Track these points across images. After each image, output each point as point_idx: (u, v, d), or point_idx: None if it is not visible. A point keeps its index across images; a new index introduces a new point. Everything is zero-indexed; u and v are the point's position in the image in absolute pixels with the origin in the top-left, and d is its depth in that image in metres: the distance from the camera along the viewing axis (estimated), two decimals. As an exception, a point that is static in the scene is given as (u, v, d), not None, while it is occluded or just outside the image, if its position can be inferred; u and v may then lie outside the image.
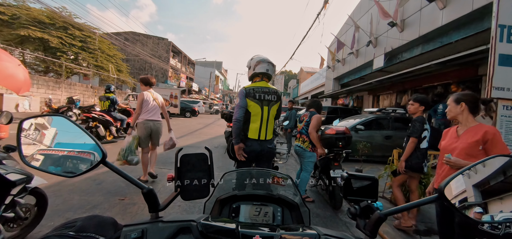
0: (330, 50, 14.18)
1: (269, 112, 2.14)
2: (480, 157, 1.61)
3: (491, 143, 1.57)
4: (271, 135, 2.21)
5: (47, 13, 14.08)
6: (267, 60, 2.18)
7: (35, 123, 0.63)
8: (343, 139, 3.12)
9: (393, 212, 0.59)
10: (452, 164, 1.65)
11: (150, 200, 0.61)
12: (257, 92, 2.10)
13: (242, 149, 2.09)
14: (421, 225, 2.75)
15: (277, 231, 0.56)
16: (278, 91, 2.24)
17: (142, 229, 0.53)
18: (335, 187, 3.02)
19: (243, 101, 2.08)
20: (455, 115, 1.76)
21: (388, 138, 6.11)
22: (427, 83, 7.92)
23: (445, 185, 0.51)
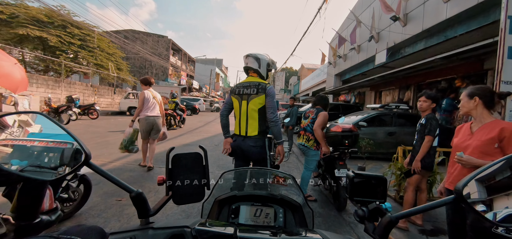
0: (331, 46, 14.03)
1: (248, 105, 2.04)
2: (496, 156, 1.51)
3: (508, 140, 1.47)
4: (255, 131, 2.03)
5: (45, 12, 14.01)
6: (249, 54, 2.18)
7: (19, 119, 0.57)
8: (349, 137, 2.99)
9: (406, 215, 0.53)
10: (464, 163, 1.56)
11: (139, 204, 0.56)
12: (238, 87, 2.14)
13: (228, 143, 2.14)
14: (428, 225, 2.67)
15: (278, 235, 0.53)
16: (262, 84, 2.05)
17: (129, 236, 0.48)
18: (339, 187, 2.90)
19: (228, 97, 2.21)
20: (468, 111, 1.64)
21: (392, 135, 6.01)
22: (431, 78, 7.79)
23: (463, 186, 0.46)
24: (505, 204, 0.47)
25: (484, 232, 1.41)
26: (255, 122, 2.05)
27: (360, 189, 0.64)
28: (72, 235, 0.45)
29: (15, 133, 0.56)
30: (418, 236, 2.45)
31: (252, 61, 2.14)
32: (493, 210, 0.49)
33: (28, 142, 0.56)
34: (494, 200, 0.48)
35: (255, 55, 2.16)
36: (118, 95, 17.78)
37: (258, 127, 2.05)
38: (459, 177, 1.62)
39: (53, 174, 0.55)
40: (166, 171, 0.70)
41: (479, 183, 0.50)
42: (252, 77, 2.14)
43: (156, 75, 28.38)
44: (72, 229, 0.47)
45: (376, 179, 0.65)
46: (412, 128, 6.16)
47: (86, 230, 0.49)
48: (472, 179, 0.47)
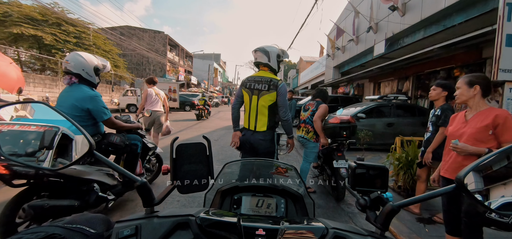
0: (329, 38, 13.93)
1: (258, 101, 2.03)
2: (490, 143, 1.53)
3: (502, 127, 1.48)
4: (264, 127, 2.04)
5: (39, 10, 13.79)
6: (257, 49, 2.14)
7: (16, 114, 0.57)
8: (347, 128, 2.99)
9: (407, 204, 0.54)
10: (459, 150, 1.57)
11: (143, 193, 0.57)
12: (249, 81, 2.10)
13: (237, 136, 2.17)
14: (425, 213, 2.71)
15: (281, 223, 0.53)
16: (274, 80, 2.03)
17: (135, 225, 0.49)
18: (338, 178, 2.94)
19: (238, 90, 2.20)
20: (466, 99, 1.64)
21: (390, 125, 6.03)
22: (429, 68, 7.77)
23: (464, 175, 0.47)
24: (501, 193, 0.48)
25: (479, 217, 1.44)
26: (265, 117, 2.05)
27: (362, 179, 0.65)
28: (78, 224, 0.46)
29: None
30: (416, 224, 2.49)
31: (261, 55, 2.09)
32: (490, 199, 0.50)
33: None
34: (491, 189, 0.49)
35: (264, 49, 2.10)
36: (116, 92, 17.69)
37: (267, 123, 2.05)
38: (454, 164, 1.64)
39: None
40: (170, 160, 0.71)
41: (476, 173, 0.51)
42: (264, 71, 2.11)
43: (154, 72, 28.19)
44: (77, 218, 0.48)
45: (377, 169, 0.66)
46: (411, 119, 6.23)
47: (92, 218, 0.49)
48: (473, 168, 0.48)
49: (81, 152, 0.56)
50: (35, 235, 0.40)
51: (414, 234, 2.31)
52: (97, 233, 0.47)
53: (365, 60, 10.26)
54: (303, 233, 0.50)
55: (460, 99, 1.68)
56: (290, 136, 2.23)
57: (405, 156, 3.14)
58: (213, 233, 0.49)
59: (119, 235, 0.47)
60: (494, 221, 1.37)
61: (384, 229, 0.53)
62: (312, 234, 0.49)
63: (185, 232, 0.49)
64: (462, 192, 0.47)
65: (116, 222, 0.51)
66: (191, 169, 0.71)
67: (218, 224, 0.51)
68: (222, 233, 0.49)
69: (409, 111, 6.47)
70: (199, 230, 0.49)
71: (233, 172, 1.03)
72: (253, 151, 2.09)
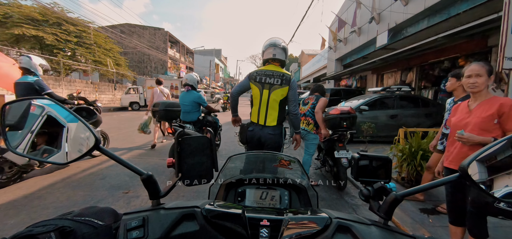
0: (331, 30, 13.75)
1: (270, 96, 2.01)
2: (495, 132, 1.51)
3: (507, 116, 1.46)
4: (274, 122, 2.04)
5: (39, 10, 13.80)
6: (274, 44, 2.08)
7: (24, 120, 0.57)
8: (348, 119, 3.07)
9: (410, 193, 0.54)
10: (465, 140, 1.56)
11: (149, 186, 0.58)
12: (259, 75, 2.04)
13: (238, 122, 2.28)
14: (429, 204, 2.70)
15: (285, 214, 0.53)
16: (287, 75, 2.02)
17: (142, 216, 0.50)
18: (339, 168, 3.01)
19: (245, 81, 2.14)
20: (484, 88, 1.54)
21: (393, 117, 5.99)
22: (434, 58, 7.66)
23: (468, 164, 0.47)
24: (505, 183, 0.48)
25: (486, 207, 1.43)
26: (275, 112, 2.04)
27: (365, 170, 0.65)
28: (86, 217, 0.47)
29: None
30: (419, 214, 2.49)
31: (280, 52, 2.06)
32: (494, 188, 0.49)
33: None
34: (495, 179, 0.49)
35: (283, 46, 2.08)
36: (119, 91, 17.77)
37: (277, 117, 2.05)
38: (459, 155, 1.63)
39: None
40: (175, 153, 0.72)
41: (480, 163, 0.51)
42: (275, 66, 2.07)
43: (155, 69, 28.20)
44: (85, 211, 0.49)
45: (381, 159, 0.66)
46: (414, 110, 6.18)
47: (100, 211, 0.50)
48: (478, 156, 0.48)
49: (88, 146, 0.56)
50: (46, 227, 0.41)
51: (417, 224, 2.31)
52: (105, 224, 0.48)
53: (367, 52, 10.14)
54: (307, 223, 0.51)
55: (479, 88, 1.54)
56: (297, 131, 2.21)
57: (408, 148, 3.12)
58: (219, 224, 0.50)
59: (127, 226, 0.48)
60: (503, 210, 1.36)
61: (388, 218, 0.53)
62: (315, 224, 0.49)
63: (191, 223, 0.50)
64: (466, 180, 0.46)
65: (124, 214, 0.52)
66: (196, 162, 0.72)
67: (223, 215, 0.51)
68: (227, 224, 0.50)
69: (413, 102, 6.41)
70: (205, 221, 0.50)
71: (237, 165, 1.03)
72: (260, 146, 2.06)
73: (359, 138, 5.70)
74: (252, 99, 2.12)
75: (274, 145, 2.05)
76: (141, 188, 2.99)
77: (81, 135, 0.57)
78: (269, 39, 2.14)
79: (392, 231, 0.50)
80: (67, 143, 0.57)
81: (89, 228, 0.45)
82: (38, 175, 3.31)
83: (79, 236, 0.43)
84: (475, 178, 0.49)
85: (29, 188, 2.92)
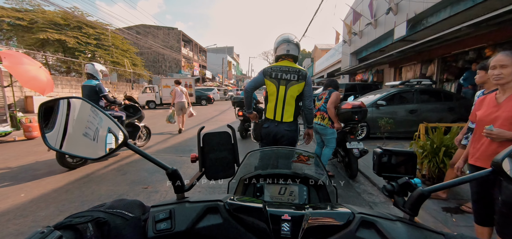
0: (345, 23, 13.35)
1: (286, 92, 2.00)
2: None
3: None
4: (291, 118, 2.03)
5: (61, 15, 14.58)
6: (288, 39, 2.06)
7: (59, 118, 0.62)
8: (359, 112, 3.22)
9: (438, 189, 0.51)
10: (494, 137, 1.45)
11: (175, 180, 0.60)
12: (274, 71, 2.01)
13: (254, 118, 2.24)
14: (452, 203, 2.58)
15: (306, 209, 0.53)
16: (303, 71, 2.01)
17: (169, 209, 0.52)
18: (351, 158, 3.24)
19: (259, 76, 2.08)
20: (511, 80, 1.43)
21: (413, 112, 5.73)
22: (457, 49, 7.20)
23: (502, 158, 0.44)
24: None
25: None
26: (292, 108, 2.03)
27: (388, 166, 0.63)
28: (118, 209, 0.50)
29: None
30: (441, 213, 2.39)
31: (294, 48, 2.05)
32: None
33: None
34: None
35: (296, 42, 2.08)
36: (136, 90, 18.45)
37: (294, 113, 2.05)
38: (487, 152, 1.52)
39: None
40: (198, 149, 0.74)
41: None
42: (289, 62, 2.06)
43: (169, 68, 28.91)
44: (116, 203, 0.52)
45: (404, 154, 0.64)
46: (436, 104, 5.88)
47: (130, 203, 0.53)
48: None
49: (117, 143, 0.60)
50: (84, 218, 0.44)
51: (440, 223, 2.22)
52: (135, 216, 0.50)
53: (384, 45, 9.73)
54: (328, 218, 0.50)
55: (505, 80, 1.43)
56: (310, 126, 2.21)
57: (430, 144, 2.98)
58: (241, 217, 0.51)
59: (155, 218, 0.50)
60: None
61: (414, 214, 0.51)
62: (338, 219, 0.49)
63: (215, 216, 0.51)
64: (500, 176, 0.44)
65: (152, 207, 0.55)
66: (218, 156, 0.74)
67: (245, 209, 0.52)
68: (249, 218, 0.51)
69: (434, 96, 6.08)
70: (228, 214, 0.51)
71: (255, 161, 1.04)
72: (276, 142, 2.06)
73: (376, 134, 5.53)
74: (267, 96, 2.10)
75: (290, 141, 2.05)
76: (159, 184, 3.11)
77: (112, 132, 0.61)
78: (282, 35, 2.12)
79: (419, 227, 0.48)
80: (98, 139, 0.60)
81: (120, 220, 0.47)
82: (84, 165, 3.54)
83: (112, 227, 0.45)
84: (510, 174, 0.46)
85: (58, 183, 3.13)
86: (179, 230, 0.49)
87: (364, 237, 0.46)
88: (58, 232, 0.38)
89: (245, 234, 0.50)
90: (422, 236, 0.46)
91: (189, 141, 5.79)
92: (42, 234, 0.37)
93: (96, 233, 0.43)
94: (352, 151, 3.18)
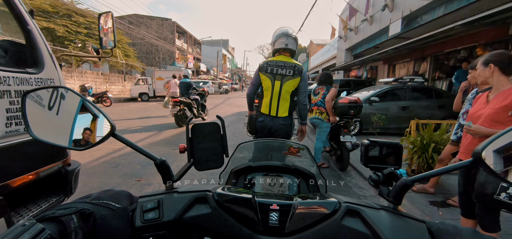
0: (341, 18, 13.34)
1: (282, 87, 2.00)
2: (509, 124, 1.45)
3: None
4: (286, 113, 2.04)
5: (49, 2, 14.03)
6: (286, 33, 2.05)
7: (44, 107, 0.60)
8: (355, 107, 3.38)
9: (420, 178, 0.53)
10: (472, 132, 1.52)
11: (163, 170, 0.60)
12: (270, 66, 2.01)
13: (253, 116, 2.23)
14: (439, 197, 2.66)
15: (294, 199, 0.54)
16: (298, 66, 2.01)
17: (157, 199, 0.53)
18: (343, 151, 3.38)
19: (255, 79, 2.11)
20: (484, 80, 1.57)
21: (405, 109, 5.84)
22: (450, 48, 7.32)
23: (482, 148, 0.46)
24: None
25: (486, 199, 1.41)
26: (287, 103, 2.04)
27: (375, 157, 0.65)
28: (104, 200, 0.49)
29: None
30: (429, 207, 2.47)
31: (292, 42, 2.04)
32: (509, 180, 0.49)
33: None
34: (510, 170, 0.47)
35: (294, 36, 2.07)
36: (128, 82, 18.10)
37: (289, 108, 2.06)
38: (469, 146, 1.60)
39: None
40: (186, 139, 0.73)
41: (497, 153, 0.49)
42: (285, 56, 2.05)
43: (163, 60, 28.40)
44: (103, 194, 0.51)
45: (391, 146, 0.66)
46: (427, 101, 6.00)
47: (117, 194, 0.53)
48: (493, 141, 0.46)
49: (103, 133, 0.58)
50: (68, 210, 0.43)
51: (427, 216, 2.29)
52: (122, 207, 0.50)
53: (379, 41, 9.81)
54: (316, 207, 0.51)
55: (479, 81, 1.62)
56: (304, 122, 2.22)
57: (420, 140, 3.05)
58: (230, 207, 0.51)
59: (143, 208, 0.50)
60: (503, 203, 1.33)
61: (397, 203, 0.53)
62: (325, 208, 0.50)
63: (203, 206, 0.52)
64: (480, 165, 0.45)
65: (140, 197, 0.55)
66: (207, 147, 0.73)
67: (234, 199, 0.53)
68: (238, 208, 0.51)
69: (426, 94, 6.21)
70: (217, 204, 0.52)
71: (246, 153, 1.04)
72: (270, 135, 2.07)
73: (368, 129, 5.62)
74: (262, 90, 2.09)
75: (285, 135, 2.06)
76: (152, 177, 3.09)
77: (99, 122, 0.59)
78: (280, 29, 2.10)
79: (402, 215, 0.50)
80: (84, 128, 0.59)
81: (107, 210, 0.47)
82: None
83: (98, 218, 0.45)
84: (489, 164, 0.48)
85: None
86: (167, 220, 0.49)
87: (349, 225, 0.47)
88: (40, 225, 0.37)
89: (233, 224, 0.50)
90: (404, 224, 0.47)
91: (182, 134, 5.76)
92: (24, 227, 0.36)
93: (80, 224, 0.42)
94: (345, 143, 3.33)
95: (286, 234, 0.49)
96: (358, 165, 3.59)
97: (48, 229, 0.38)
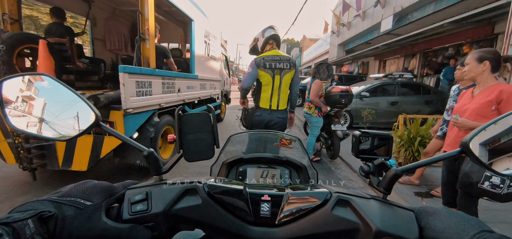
0: (334, 13, 13.37)
1: (281, 81, 2.06)
2: (492, 117, 1.53)
3: (505, 103, 1.47)
4: (285, 105, 2.14)
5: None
6: (272, 26, 2.19)
7: (22, 95, 0.56)
8: (346, 96, 3.45)
9: (409, 168, 0.54)
10: (459, 125, 1.59)
11: (151, 162, 0.58)
12: (268, 61, 2.03)
13: (245, 104, 2.26)
14: (424, 188, 2.78)
15: (286, 190, 0.54)
16: (292, 59, 2.11)
17: (146, 191, 0.50)
18: (334, 140, 3.52)
19: (254, 71, 2.05)
20: (475, 76, 1.60)
21: (394, 104, 5.99)
22: (438, 45, 7.52)
23: (470, 138, 0.47)
24: (506, 165, 0.48)
25: (471, 187, 1.50)
26: (286, 96, 2.13)
27: (366, 147, 0.66)
28: (72, 197, 0.44)
29: (19, 107, 0.55)
30: (413, 197, 2.58)
31: (278, 37, 2.17)
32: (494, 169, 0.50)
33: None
34: (496, 161, 0.48)
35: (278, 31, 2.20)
36: (117, 73, 17.62)
37: (287, 100, 2.16)
38: (456, 139, 1.67)
39: None
40: (176, 130, 0.72)
41: (483, 146, 0.51)
42: (276, 51, 2.12)
43: (154, 52, 27.65)
44: (74, 189, 0.46)
45: (382, 137, 0.66)
46: (415, 97, 6.17)
47: (90, 188, 0.47)
48: (480, 132, 0.48)
49: (87, 123, 0.56)
50: (25, 213, 0.37)
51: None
52: (93, 204, 0.44)
53: (371, 37, 9.93)
54: (307, 198, 0.52)
55: (469, 75, 1.64)
56: (292, 110, 2.30)
57: (407, 134, 3.16)
58: (221, 199, 0.51)
59: (131, 200, 0.49)
60: (487, 191, 1.42)
61: (387, 192, 0.54)
62: (316, 198, 0.50)
63: (194, 198, 0.51)
64: (467, 155, 0.47)
65: (127, 189, 0.52)
66: (197, 138, 0.72)
67: (225, 190, 0.52)
68: (229, 199, 0.51)
69: (414, 89, 6.38)
70: (207, 195, 0.51)
71: (238, 145, 1.04)
72: (267, 128, 2.11)
73: (358, 124, 5.75)
74: (261, 86, 2.09)
75: (282, 128, 2.15)
76: (144, 176, 3.06)
77: (82, 112, 0.57)
78: (265, 27, 2.22)
79: (391, 204, 0.51)
80: (68, 119, 0.56)
81: (72, 210, 0.42)
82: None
83: (59, 221, 0.40)
84: (475, 153, 0.50)
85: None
86: (156, 212, 0.48)
87: (339, 214, 0.48)
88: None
89: (224, 215, 0.50)
90: (394, 212, 0.49)
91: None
92: None
93: (38, 229, 0.36)
94: (336, 132, 3.46)
95: (277, 225, 0.49)
96: (347, 158, 3.69)
97: (3, 233, 0.33)
